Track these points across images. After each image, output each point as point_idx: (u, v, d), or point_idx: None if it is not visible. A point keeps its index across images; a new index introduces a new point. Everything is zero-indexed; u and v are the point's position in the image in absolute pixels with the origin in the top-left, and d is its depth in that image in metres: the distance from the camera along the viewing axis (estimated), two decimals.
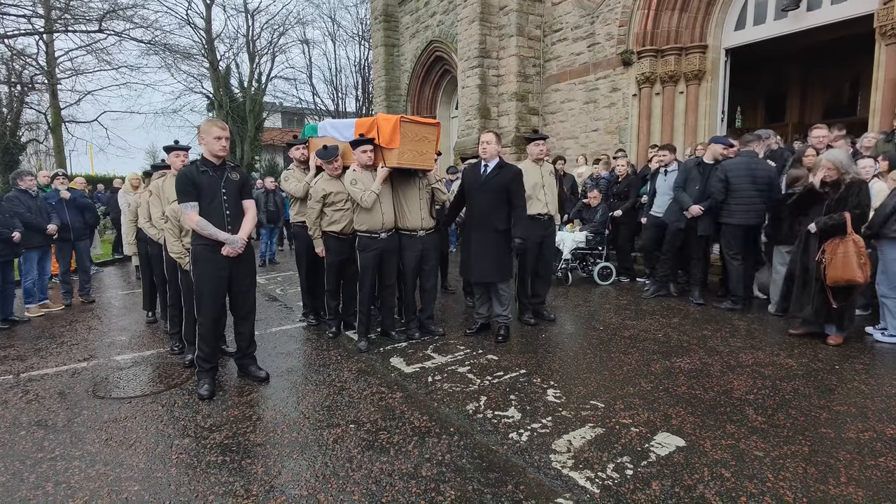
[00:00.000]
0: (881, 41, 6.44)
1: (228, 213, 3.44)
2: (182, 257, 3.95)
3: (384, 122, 4.25)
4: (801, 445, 2.71)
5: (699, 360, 4.01)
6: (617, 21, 9.34)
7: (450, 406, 3.29)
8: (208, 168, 3.40)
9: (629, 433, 2.88)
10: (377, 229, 4.31)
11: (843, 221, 4.08)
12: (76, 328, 5.53)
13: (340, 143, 4.64)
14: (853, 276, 4.02)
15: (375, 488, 2.40)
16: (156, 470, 2.62)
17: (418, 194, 4.50)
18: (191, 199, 3.34)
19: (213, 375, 3.64)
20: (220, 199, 3.41)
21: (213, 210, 3.39)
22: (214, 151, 3.40)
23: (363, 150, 4.25)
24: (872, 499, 2.25)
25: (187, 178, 3.35)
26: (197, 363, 3.61)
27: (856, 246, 4.05)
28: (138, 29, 17.56)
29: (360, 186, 4.21)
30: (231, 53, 23.35)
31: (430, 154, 4.48)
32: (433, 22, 13.74)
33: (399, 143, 4.16)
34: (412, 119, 4.34)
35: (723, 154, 5.62)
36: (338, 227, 4.56)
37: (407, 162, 4.27)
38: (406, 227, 4.47)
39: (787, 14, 7.79)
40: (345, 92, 25.07)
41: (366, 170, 4.33)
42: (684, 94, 8.89)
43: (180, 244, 3.97)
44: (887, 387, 3.43)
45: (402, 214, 4.45)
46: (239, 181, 3.53)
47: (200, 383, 3.56)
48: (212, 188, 3.38)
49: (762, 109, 14.13)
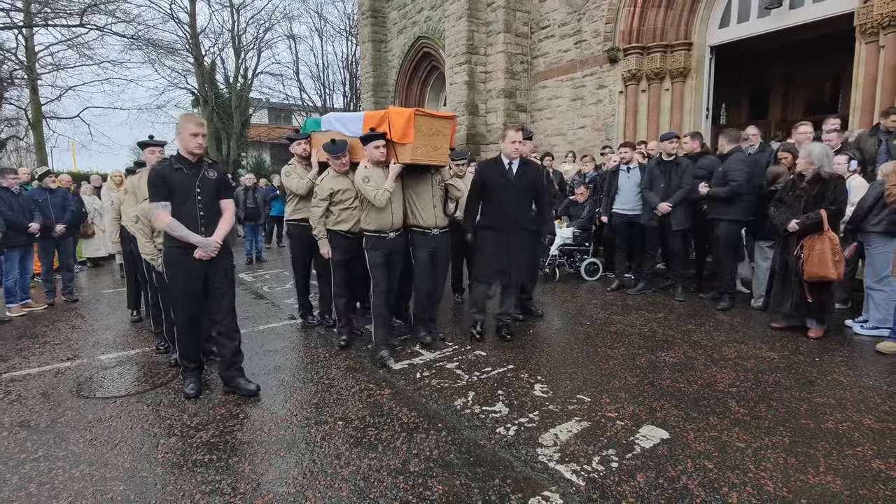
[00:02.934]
0: (861, 39, 6.56)
1: (202, 214, 3.26)
2: (154, 258, 3.85)
3: (396, 116, 3.99)
4: (781, 436, 2.76)
5: (683, 353, 4.07)
6: (603, 18, 9.39)
7: (438, 402, 3.31)
8: (183, 165, 3.23)
9: (615, 426, 2.92)
10: (387, 228, 4.08)
11: (819, 220, 4.17)
12: (59, 327, 5.45)
13: (346, 138, 4.39)
14: (827, 272, 4.12)
15: (363, 484, 2.41)
16: (141, 469, 2.60)
17: (431, 191, 4.28)
18: (162, 199, 3.16)
19: (199, 374, 3.57)
20: (193, 198, 3.23)
21: (186, 210, 3.21)
22: (190, 148, 3.22)
23: (375, 146, 3.97)
24: (849, 487, 2.31)
25: (159, 176, 3.18)
26: (180, 362, 3.56)
27: (831, 243, 4.14)
28: (121, 23, 17.26)
29: (372, 184, 3.95)
30: (216, 49, 23.16)
31: (444, 149, 4.24)
32: (420, 18, 13.70)
33: (413, 137, 3.91)
34: (426, 112, 4.08)
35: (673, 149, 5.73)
36: (345, 227, 4.30)
37: (421, 158, 4.02)
38: (418, 225, 4.25)
39: (770, 12, 7.90)
40: (332, 88, 24.93)
41: (377, 166, 4.05)
42: (670, 92, 8.97)
43: (152, 245, 3.85)
44: (865, 378, 3.51)
45: (415, 212, 4.23)
46: (216, 180, 3.34)
47: (186, 382, 3.51)
48: (185, 187, 3.21)
49: (746, 106, 14.30)
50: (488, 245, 4.35)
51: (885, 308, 4.27)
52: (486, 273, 4.43)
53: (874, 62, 6.44)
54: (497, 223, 4.32)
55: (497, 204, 4.32)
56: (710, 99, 8.99)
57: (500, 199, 4.30)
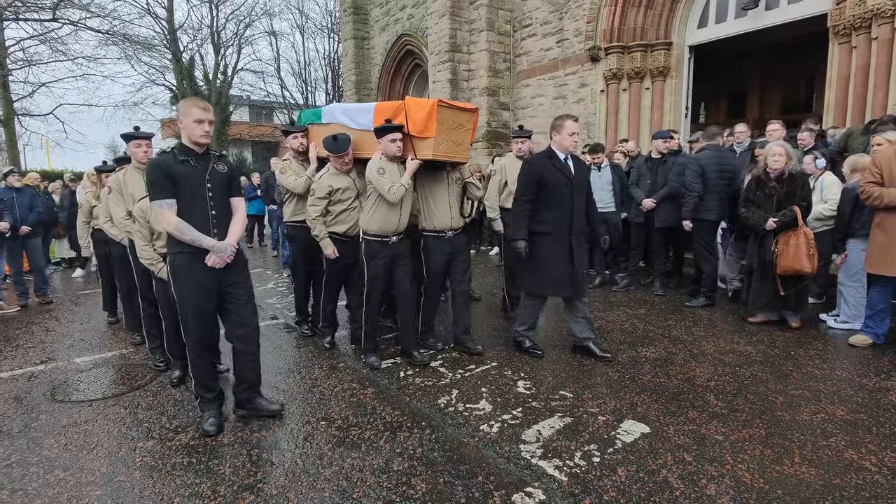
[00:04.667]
0: (834, 40, 6.71)
1: (214, 213, 2.79)
2: (154, 263, 3.45)
3: (415, 107, 3.64)
4: (758, 429, 2.82)
5: (664, 349, 4.13)
6: (585, 17, 9.46)
7: (422, 400, 3.30)
8: (189, 157, 2.75)
9: (596, 422, 2.95)
10: (390, 231, 3.72)
11: (794, 216, 4.29)
12: (33, 330, 5.31)
13: (352, 132, 4.03)
14: (802, 266, 4.23)
15: (346, 484, 2.40)
16: (118, 474, 2.55)
17: (447, 190, 3.96)
18: (166, 196, 2.68)
19: (219, 405, 3.04)
20: (203, 195, 2.76)
21: (196, 209, 2.74)
22: (195, 137, 2.74)
23: (392, 139, 3.61)
24: (823, 477, 2.37)
25: (161, 170, 2.68)
26: (196, 394, 3.02)
27: (806, 238, 4.25)
28: (95, 18, 16.89)
29: (387, 177, 3.60)
30: (195, 45, 22.69)
31: (465, 144, 3.93)
32: (403, 15, 13.64)
33: (435, 131, 3.57)
34: (450, 104, 3.73)
35: (666, 147, 5.84)
36: (342, 228, 4.01)
37: (442, 154, 3.68)
38: (432, 228, 3.95)
39: (747, 13, 8.04)
40: (314, 85, 24.71)
41: (392, 161, 3.71)
42: (650, 91, 9.08)
43: (152, 248, 3.45)
44: (839, 371, 3.61)
45: (429, 213, 3.94)
46: (226, 174, 2.88)
47: (205, 417, 2.95)
48: (193, 182, 2.74)
49: (725, 105, 14.55)
50: (548, 254, 3.79)
51: (855, 303, 4.39)
52: (548, 286, 3.88)
53: (846, 63, 6.60)
54: (558, 228, 3.78)
55: (558, 206, 3.77)
56: (689, 98, 9.12)
57: (561, 200, 3.77)
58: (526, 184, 3.82)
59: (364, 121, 3.99)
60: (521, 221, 3.82)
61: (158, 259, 3.43)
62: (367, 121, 3.94)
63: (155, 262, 3.45)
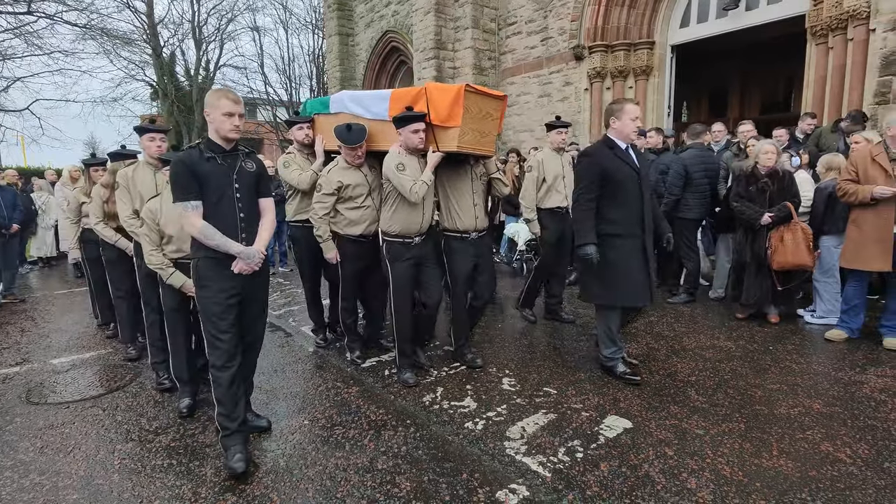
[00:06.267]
0: (812, 41, 6.84)
1: (242, 217, 2.55)
2: (164, 268, 3.12)
3: (439, 94, 3.28)
4: (737, 423, 2.87)
5: (646, 345, 4.18)
6: (569, 16, 9.51)
7: (406, 399, 3.29)
8: (216, 154, 2.51)
9: (580, 417, 2.98)
10: (413, 232, 3.42)
11: (788, 211, 4.39)
12: (7, 330, 5.18)
13: (365, 122, 3.64)
14: (804, 260, 4.33)
15: (330, 484, 2.38)
16: (96, 477, 2.50)
17: (471, 186, 3.62)
18: (191, 197, 2.43)
19: (245, 437, 2.64)
20: (231, 195, 2.52)
21: (223, 211, 2.50)
22: (224, 132, 2.49)
23: (414, 130, 3.26)
24: (800, 469, 2.42)
25: (186, 168, 2.44)
26: (218, 424, 2.58)
27: (804, 233, 4.35)
28: (72, 12, 16.45)
29: (408, 174, 3.27)
30: (176, 40, 22.26)
31: (492, 136, 3.55)
32: (388, 12, 13.57)
33: (461, 120, 3.21)
34: (477, 89, 3.34)
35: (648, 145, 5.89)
36: (357, 230, 3.64)
37: (467, 145, 3.32)
38: (455, 229, 3.63)
39: (727, 13, 8.15)
40: (298, 82, 24.40)
41: (412, 154, 3.38)
42: (633, 89, 9.16)
43: (160, 254, 3.12)
44: (815, 365, 3.69)
45: (451, 212, 3.61)
46: (255, 172, 2.63)
47: (231, 453, 2.51)
48: (220, 182, 2.50)
49: (706, 104, 14.76)
50: (620, 258, 3.33)
51: (830, 299, 4.50)
52: (624, 295, 3.38)
53: (823, 63, 6.73)
54: (629, 228, 3.35)
55: (627, 202, 3.33)
56: (671, 97, 9.22)
57: (629, 195, 3.33)
58: (588, 179, 3.34)
59: (378, 109, 3.61)
60: (586, 224, 3.33)
61: (168, 264, 3.11)
62: (383, 109, 3.57)
63: (164, 268, 3.11)
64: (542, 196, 4.65)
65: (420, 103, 3.34)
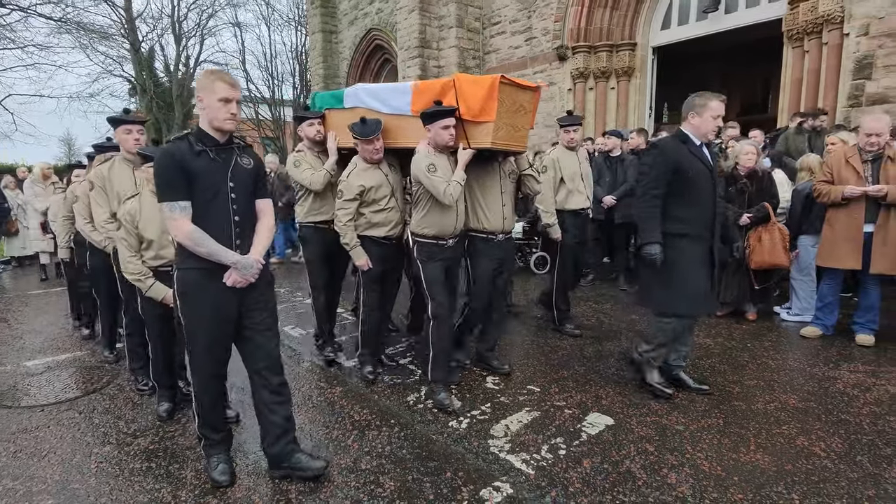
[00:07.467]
0: (788, 44, 6.99)
1: (237, 220, 2.23)
2: (142, 279, 2.85)
3: (470, 86, 3.03)
4: (716, 418, 2.93)
5: (628, 342, 4.23)
6: (553, 16, 9.57)
7: (391, 398, 3.29)
8: (208, 147, 2.17)
9: (563, 415, 3.00)
10: (447, 234, 3.20)
11: (766, 212, 4.49)
12: None
13: (383, 118, 3.40)
14: (781, 260, 4.45)
15: (313, 485, 2.37)
16: (72, 481, 2.45)
17: (500, 185, 3.41)
18: (180, 197, 2.11)
19: (228, 447, 2.50)
20: (225, 195, 2.19)
21: (215, 213, 2.18)
22: (218, 122, 2.17)
23: (444, 126, 3.01)
24: (776, 463, 2.47)
25: (175, 162, 2.11)
26: (199, 435, 2.43)
27: (781, 233, 4.46)
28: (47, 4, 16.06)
29: (440, 175, 3.03)
30: (155, 35, 21.87)
31: (525, 131, 3.33)
32: (372, 10, 13.49)
33: (495, 114, 2.98)
34: (511, 81, 3.07)
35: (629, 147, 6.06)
36: (381, 232, 3.42)
37: (501, 142, 3.10)
38: (481, 230, 3.44)
39: (707, 16, 8.29)
40: (281, 79, 24.12)
41: (441, 152, 3.15)
42: (615, 90, 9.27)
43: (139, 261, 2.86)
44: (791, 361, 3.77)
45: (478, 212, 3.40)
46: (252, 170, 2.30)
47: (212, 463, 2.40)
48: (213, 179, 2.17)
49: None
50: (686, 261, 3.05)
51: (806, 297, 4.61)
52: (687, 302, 3.07)
53: (800, 66, 6.88)
54: (698, 229, 3.07)
55: (698, 202, 3.06)
56: (653, 98, 9.35)
57: (701, 195, 3.06)
58: (657, 172, 3.07)
59: (399, 103, 3.36)
60: (652, 221, 3.04)
61: (147, 274, 2.86)
62: (404, 103, 3.32)
63: (143, 278, 2.84)
64: (562, 198, 4.36)
65: (449, 96, 3.08)
